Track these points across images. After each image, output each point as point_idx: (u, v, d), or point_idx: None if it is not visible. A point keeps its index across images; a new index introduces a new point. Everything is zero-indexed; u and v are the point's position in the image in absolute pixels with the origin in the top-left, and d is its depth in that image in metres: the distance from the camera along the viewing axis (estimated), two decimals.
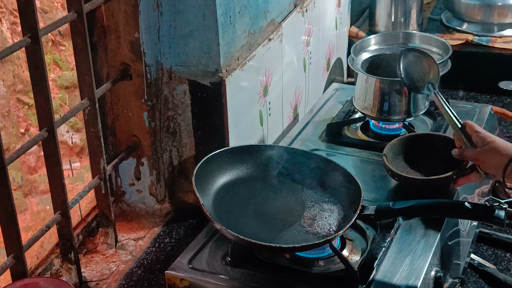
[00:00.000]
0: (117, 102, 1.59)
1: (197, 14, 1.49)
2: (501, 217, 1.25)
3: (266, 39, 1.70)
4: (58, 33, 1.67)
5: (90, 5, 1.40)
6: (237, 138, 1.61)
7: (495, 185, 1.78)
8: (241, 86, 1.60)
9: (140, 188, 1.66)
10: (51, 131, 1.31)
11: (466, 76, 2.27)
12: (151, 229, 1.63)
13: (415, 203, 1.32)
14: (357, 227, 1.40)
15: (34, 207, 1.58)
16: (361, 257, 1.33)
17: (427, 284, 1.30)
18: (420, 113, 1.70)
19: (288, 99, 1.88)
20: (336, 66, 2.26)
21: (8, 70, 1.52)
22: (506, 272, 1.54)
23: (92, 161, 1.49)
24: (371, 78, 1.69)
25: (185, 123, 1.60)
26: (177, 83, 1.56)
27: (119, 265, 1.52)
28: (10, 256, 1.26)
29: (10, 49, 1.21)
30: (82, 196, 1.46)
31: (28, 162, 1.58)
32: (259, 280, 1.28)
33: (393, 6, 2.37)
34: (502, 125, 2.05)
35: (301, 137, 1.74)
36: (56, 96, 1.66)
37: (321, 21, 2.05)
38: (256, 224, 1.36)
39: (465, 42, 2.33)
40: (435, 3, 2.69)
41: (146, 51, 1.52)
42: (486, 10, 2.35)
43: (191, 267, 1.32)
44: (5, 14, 1.53)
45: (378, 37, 2.23)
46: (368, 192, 1.46)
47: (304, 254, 1.33)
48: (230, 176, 1.45)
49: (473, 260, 1.57)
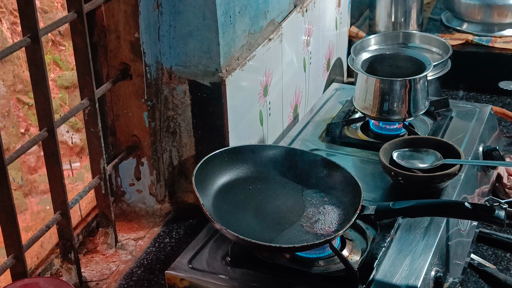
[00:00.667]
0: (117, 102, 1.59)
1: (197, 14, 1.49)
2: (501, 217, 1.25)
3: (266, 39, 1.70)
4: (58, 33, 1.67)
5: (90, 5, 1.40)
6: (237, 138, 1.61)
7: (495, 185, 1.78)
8: (241, 86, 1.60)
9: (140, 188, 1.66)
10: (51, 131, 1.31)
11: (466, 76, 2.27)
12: (151, 229, 1.63)
13: (415, 203, 1.32)
14: (357, 227, 1.40)
15: (34, 207, 1.58)
16: (361, 257, 1.33)
17: (427, 284, 1.30)
18: (420, 113, 1.70)
19: (288, 99, 1.88)
20: (336, 66, 2.26)
21: (8, 70, 1.52)
22: (506, 272, 1.54)
23: (92, 161, 1.49)
24: (371, 78, 1.69)
25: (185, 123, 1.60)
26: (177, 83, 1.56)
27: (119, 265, 1.52)
28: (10, 256, 1.26)
29: (10, 49, 1.21)
30: (82, 196, 1.46)
31: (28, 162, 1.58)
32: (259, 280, 1.28)
33: (393, 6, 2.37)
34: (502, 125, 2.05)
35: (301, 137, 1.74)
36: (56, 96, 1.66)
37: (321, 21, 2.05)
38: (256, 224, 1.36)
39: (465, 42, 2.33)
40: (435, 3, 2.69)
41: (146, 51, 1.52)
42: (486, 10, 2.35)
43: (191, 267, 1.32)
44: (5, 14, 1.53)
45: (378, 37, 2.24)
46: (368, 192, 1.46)
47: (304, 254, 1.33)
48: (230, 176, 1.45)
49: (473, 260, 1.57)
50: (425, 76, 1.69)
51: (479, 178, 1.68)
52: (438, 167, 1.49)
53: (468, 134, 1.71)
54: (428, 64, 1.70)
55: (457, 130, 1.73)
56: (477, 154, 1.68)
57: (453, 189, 1.51)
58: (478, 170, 1.68)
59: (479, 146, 1.71)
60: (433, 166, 1.49)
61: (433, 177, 1.46)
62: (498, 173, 1.78)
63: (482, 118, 1.79)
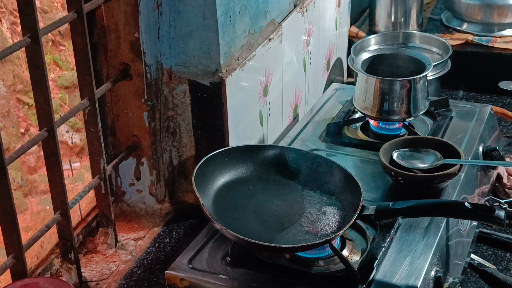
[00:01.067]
0: (117, 102, 1.59)
1: (197, 14, 1.49)
2: (501, 217, 1.24)
3: (266, 39, 1.70)
4: (58, 33, 1.67)
5: (90, 5, 1.40)
6: (237, 138, 1.61)
7: (495, 185, 1.78)
8: (241, 86, 1.60)
9: (140, 188, 1.66)
10: (51, 131, 1.31)
11: (466, 76, 2.27)
12: (151, 229, 1.63)
13: (415, 203, 1.32)
14: (357, 227, 1.40)
15: (34, 207, 1.58)
16: (361, 257, 1.33)
17: (427, 284, 1.30)
18: (420, 113, 1.70)
19: (288, 99, 1.88)
20: (336, 66, 2.26)
21: (8, 70, 1.52)
22: (506, 272, 1.54)
23: (92, 161, 1.49)
24: (371, 78, 1.69)
25: (185, 123, 1.60)
26: (177, 83, 1.56)
27: (119, 265, 1.52)
28: (10, 256, 1.26)
29: (10, 49, 1.21)
30: (82, 196, 1.46)
31: (28, 162, 1.58)
32: (259, 280, 1.28)
33: (393, 6, 2.37)
34: (502, 125, 2.05)
35: (301, 137, 1.74)
36: (56, 96, 1.66)
37: (321, 21, 2.05)
38: (256, 224, 1.36)
39: (465, 42, 2.33)
40: (435, 3, 2.69)
41: (146, 51, 1.52)
42: (486, 10, 2.35)
43: (191, 267, 1.32)
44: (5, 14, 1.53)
45: (378, 37, 2.24)
46: (368, 192, 1.46)
47: (304, 254, 1.33)
48: (230, 176, 1.45)
49: (473, 260, 1.57)
50: (425, 76, 1.69)
51: (479, 178, 1.68)
52: (438, 167, 1.49)
53: (468, 134, 1.71)
54: (428, 64, 1.70)
55: (457, 130, 1.73)
56: (477, 154, 1.68)
57: (453, 189, 1.51)
58: (478, 170, 1.68)
59: (479, 146, 1.71)
60: (433, 166, 1.49)
61: (433, 177, 1.46)
62: (498, 173, 1.78)
63: (482, 118, 1.79)
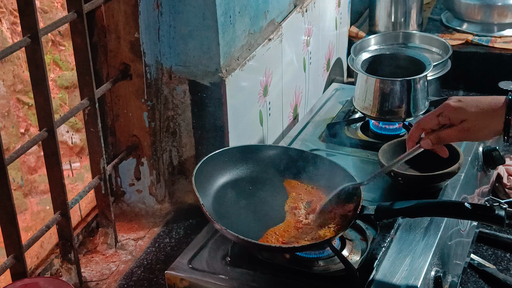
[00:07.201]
0: (117, 102, 1.59)
1: (197, 14, 1.49)
2: (501, 217, 1.25)
3: (266, 39, 1.70)
4: (58, 33, 1.67)
5: (90, 5, 1.40)
6: (237, 138, 1.61)
7: (495, 185, 1.78)
8: (241, 86, 1.60)
9: (140, 188, 1.66)
10: (51, 131, 1.31)
11: (466, 76, 2.27)
12: (151, 229, 1.63)
13: (415, 203, 1.32)
14: (357, 227, 1.40)
15: (34, 207, 1.58)
16: (361, 257, 1.33)
17: (427, 284, 1.30)
18: (420, 113, 1.70)
19: (288, 99, 1.88)
20: (336, 66, 2.26)
21: (8, 70, 1.52)
22: (506, 272, 1.54)
23: (92, 161, 1.49)
24: (371, 78, 1.69)
25: (185, 123, 1.60)
26: (177, 83, 1.56)
27: (119, 265, 1.52)
28: (10, 256, 1.26)
29: (10, 49, 1.21)
30: (82, 196, 1.46)
31: (28, 162, 1.58)
32: (259, 280, 1.28)
33: (393, 6, 2.37)
34: None
35: (301, 137, 1.74)
36: (56, 96, 1.66)
37: (321, 21, 2.05)
38: (256, 224, 1.36)
39: (465, 42, 2.33)
40: (435, 3, 2.69)
41: (146, 51, 1.52)
42: (486, 10, 2.35)
43: (191, 267, 1.32)
44: (5, 14, 1.54)
45: (378, 37, 2.24)
46: (368, 192, 1.46)
47: (304, 254, 1.33)
48: (230, 176, 1.45)
49: (473, 260, 1.57)
50: (425, 76, 1.69)
51: (479, 178, 1.68)
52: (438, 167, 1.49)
53: None
54: (428, 64, 1.70)
55: None
56: (477, 154, 1.68)
57: (453, 189, 1.51)
58: (478, 170, 1.68)
59: (479, 146, 1.71)
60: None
61: (433, 177, 1.46)
62: (498, 173, 1.78)
63: None
